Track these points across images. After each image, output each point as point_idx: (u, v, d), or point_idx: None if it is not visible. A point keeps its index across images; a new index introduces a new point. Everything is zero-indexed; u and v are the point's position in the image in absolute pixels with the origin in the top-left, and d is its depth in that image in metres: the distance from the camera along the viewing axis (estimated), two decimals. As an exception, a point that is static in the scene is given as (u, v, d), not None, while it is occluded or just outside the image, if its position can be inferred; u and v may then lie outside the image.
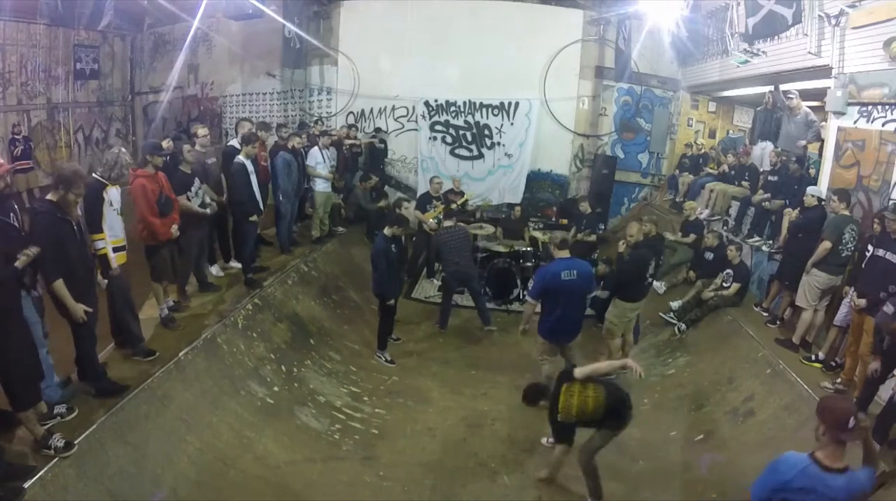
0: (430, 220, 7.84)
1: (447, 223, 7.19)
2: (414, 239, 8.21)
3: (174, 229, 4.71)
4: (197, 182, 5.19)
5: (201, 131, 5.73)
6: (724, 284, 6.23)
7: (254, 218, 5.82)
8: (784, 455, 2.20)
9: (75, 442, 3.14)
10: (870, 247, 4.43)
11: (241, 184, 5.63)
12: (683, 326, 6.29)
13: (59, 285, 3.32)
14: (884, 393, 3.96)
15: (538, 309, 4.88)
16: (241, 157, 5.67)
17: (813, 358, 4.89)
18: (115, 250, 4.02)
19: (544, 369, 4.96)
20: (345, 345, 6.13)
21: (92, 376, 3.71)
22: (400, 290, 6.56)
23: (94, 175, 3.95)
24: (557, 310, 4.69)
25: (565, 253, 4.74)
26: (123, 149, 4.19)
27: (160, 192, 4.56)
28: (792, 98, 6.69)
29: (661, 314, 6.67)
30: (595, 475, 3.90)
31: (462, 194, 8.76)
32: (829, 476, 2.09)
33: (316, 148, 7.45)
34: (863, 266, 4.42)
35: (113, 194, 3.97)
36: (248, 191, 5.69)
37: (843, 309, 4.71)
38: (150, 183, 4.50)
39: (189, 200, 5.06)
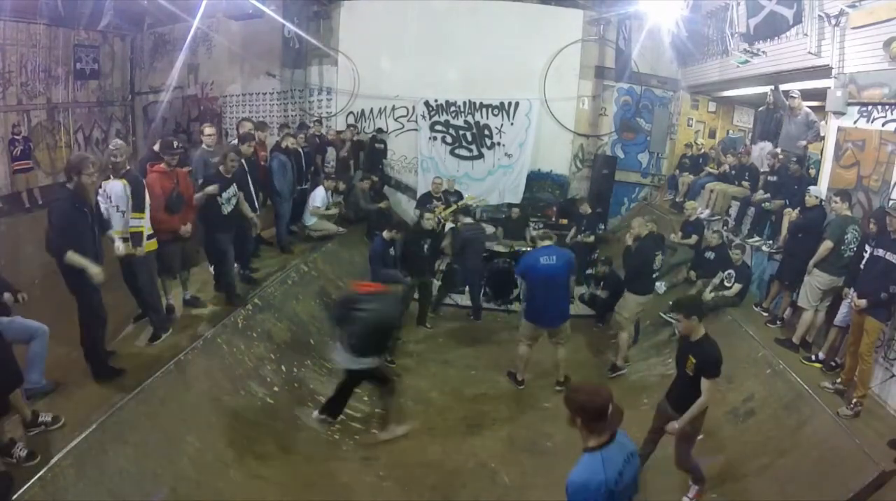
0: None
1: (468, 220, 7.34)
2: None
3: (181, 228, 4.68)
4: (233, 188, 5.15)
5: (208, 130, 5.76)
6: (726, 284, 6.21)
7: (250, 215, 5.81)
8: (576, 478, 2.17)
9: (38, 455, 3.02)
10: (867, 247, 4.42)
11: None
12: (683, 326, 6.27)
13: (72, 254, 3.39)
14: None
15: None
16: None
17: (813, 358, 4.89)
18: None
19: (520, 348, 5.48)
20: (345, 345, 6.13)
21: (93, 357, 3.78)
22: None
23: None
24: (537, 294, 5.19)
25: (548, 243, 5.29)
26: (117, 141, 4.24)
27: (171, 190, 4.56)
28: (794, 98, 6.69)
29: (661, 314, 6.66)
30: None
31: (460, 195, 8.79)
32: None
33: (321, 188, 7.51)
34: (862, 266, 4.41)
35: (111, 188, 3.99)
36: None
37: (842, 309, 4.70)
38: (163, 179, 4.52)
39: (220, 204, 5.04)
